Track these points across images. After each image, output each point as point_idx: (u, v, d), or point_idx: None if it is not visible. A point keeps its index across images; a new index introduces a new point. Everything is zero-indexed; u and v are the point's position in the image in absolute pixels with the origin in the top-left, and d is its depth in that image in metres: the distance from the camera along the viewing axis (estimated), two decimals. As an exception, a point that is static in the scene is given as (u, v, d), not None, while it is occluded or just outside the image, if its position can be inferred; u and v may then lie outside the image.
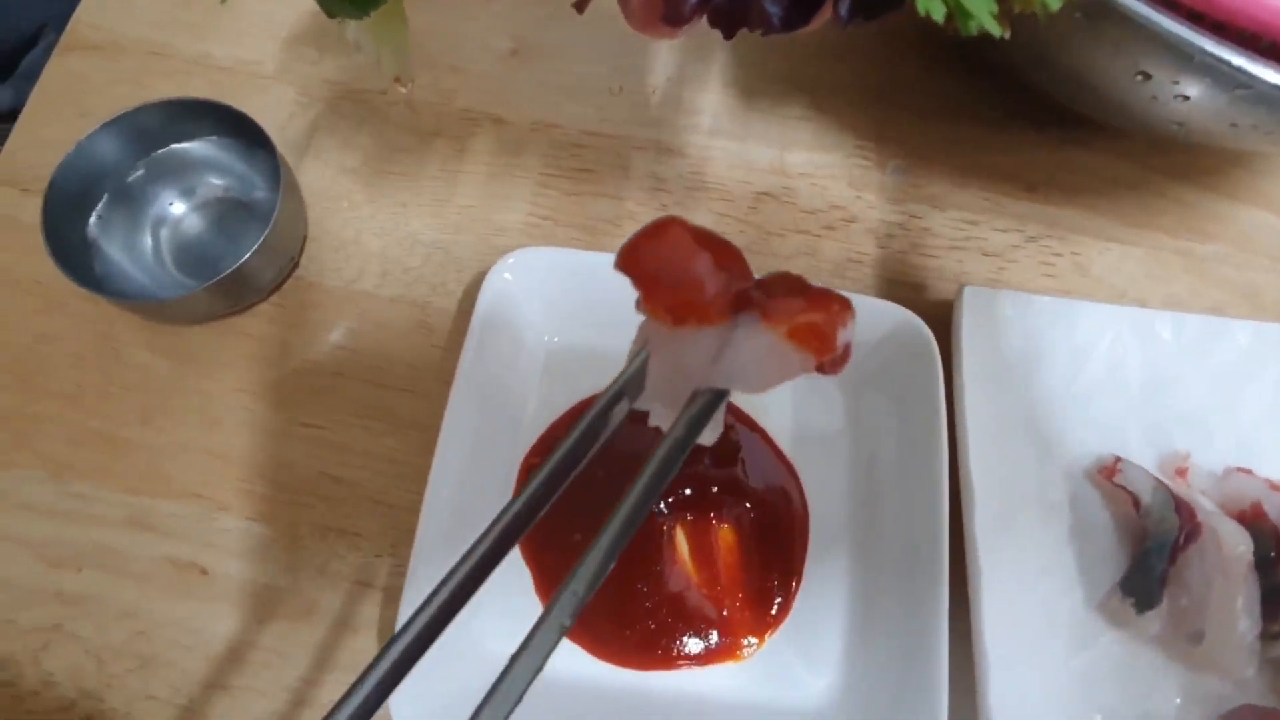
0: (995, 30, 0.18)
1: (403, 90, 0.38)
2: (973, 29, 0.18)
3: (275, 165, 0.33)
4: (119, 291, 0.32)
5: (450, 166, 0.40)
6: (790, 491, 0.34)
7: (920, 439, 0.32)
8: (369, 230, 0.39)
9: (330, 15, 0.23)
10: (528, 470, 0.33)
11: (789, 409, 0.35)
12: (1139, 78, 0.29)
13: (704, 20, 0.20)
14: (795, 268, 0.40)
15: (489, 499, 0.33)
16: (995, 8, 0.18)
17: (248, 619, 0.32)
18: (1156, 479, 0.33)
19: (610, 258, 0.35)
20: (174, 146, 0.35)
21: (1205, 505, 0.33)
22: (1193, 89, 0.28)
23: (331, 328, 0.37)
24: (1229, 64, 0.25)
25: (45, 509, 0.34)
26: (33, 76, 0.54)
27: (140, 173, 0.35)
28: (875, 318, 0.33)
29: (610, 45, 0.43)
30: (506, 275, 0.33)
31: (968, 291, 0.34)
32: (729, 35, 0.20)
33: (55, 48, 0.42)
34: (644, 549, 0.31)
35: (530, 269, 0.33)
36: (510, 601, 0.31)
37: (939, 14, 0.18)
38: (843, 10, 0.19)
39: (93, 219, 0.33)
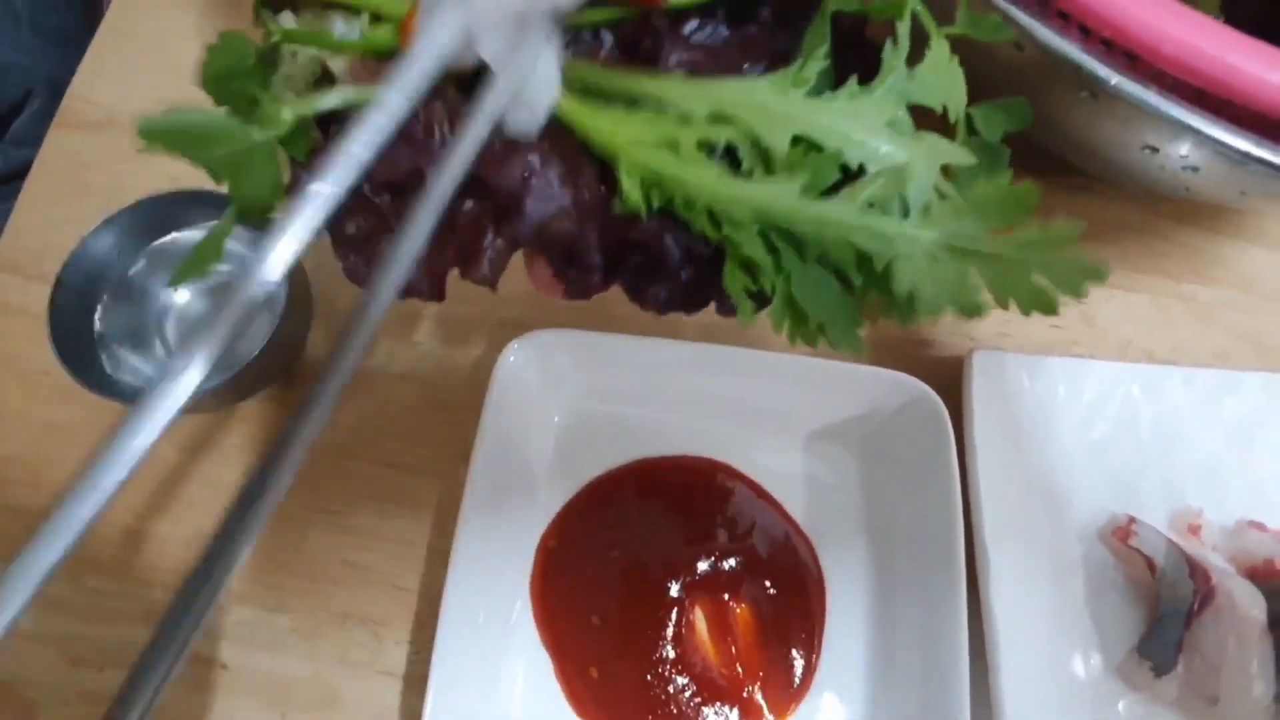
0: (858, 350, 0.19)
1: None
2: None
3: (280, 252, 0.33)
4: (129, 391, 0.32)
5: (454, 236, 0.40)
6: (806, 563, 0.34)
7: (935, 508, 0.32)
8: (375, 305, 0.39)
9: None
10: (545, 552, 0.33)
11: (801, 477, 0.35)
12: (1146, 150, 0.29)
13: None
14: (802, 328, 0.40)
15: (507, 583, 0.33)
16: (859, 324, 0.18)
17: (270, 713, 0.32)
18: (1169, 540, 0.33)
19: (616, 339, 0.34)
20: (175, 235, 0.35)
21: (1218, 565, 0.33)
22: (1200, 162, 0.28)
23: (341, 408, 0.37)
24: (1234, 149, 0.25)
25: (64, 605, 0.34)
26: (21, 143, 0.53)
27: (142, 264, 0.34)
28: (889, 389, 0.33)
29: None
30: (514, 359, 0.33)
31: (977, 356, 0.34)
32: (637, 301, 0.21)
33: (51, 124, 0.42)
34: (662, 633, 0.31)
35: (537, 352, 0.33)
36: (537, 683, 0.32)
37: (813, 342, 0.19)
38: (724, 309, 0.20)
39: (98, 313, 0.33)
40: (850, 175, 0.19)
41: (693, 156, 0.19)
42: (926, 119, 0.20)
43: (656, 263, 0.19)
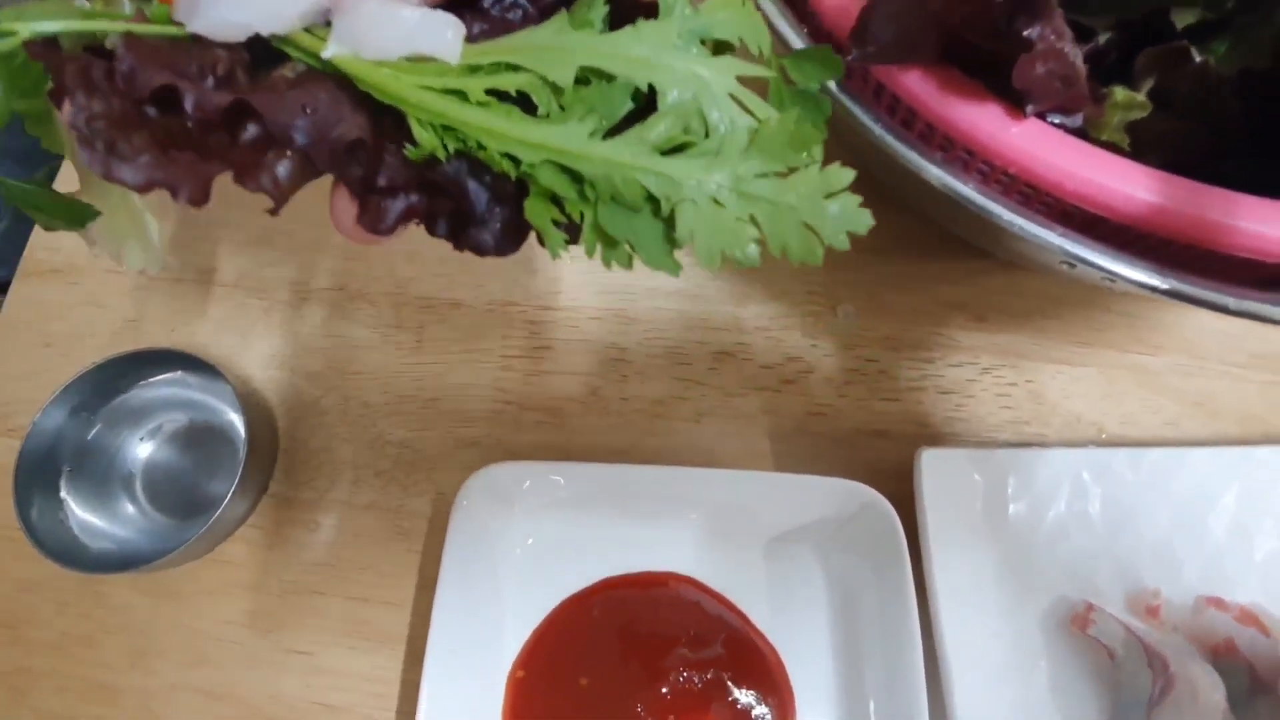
0: (673, 270, 0.19)
1: (150, 275, 0.34)
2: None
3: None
4: (95, 559, 0.33)
5: (411, 360, 0.41)
6: (774, 673, 0.34)
7: (893, 609, 0.33)
8: (338, 436, 0.39)
9: (47, 229, 0.22)
10: (515, 683, 0.34)
11: (764, 585, 0.35)
12: (1064, 264, 0.30)
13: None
14: (758, 427, 0.40)
15: (479, 717, 0.33)
16: (673, 245, 0.19)
17: None
18: (1126, 628, 0.33)
19: (572, 467, 0.35)
20: (131, 391, 0.36)
21: (1178, 648, 0.34)
22: (1115, 278, 0.29)
23: (308, 544, 0.37)
24: (1139, 283, 0.26)
25: (42, 768, 0.34)
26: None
27: (99, 427, 0.35)
28: (841, 497, 0.34)
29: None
30: (470, 499, 0.34)
31: (925, 455, 0.35)
32: (457, 247, 0.20)
33: (15, 276, 0.43)
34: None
35: (493, 485, 0.34)
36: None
37: (627, 265, 0.19)
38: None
39: (62, 481, 0.34)
40: (645, 112, 0.19)
41: (482, 102, 0.19)
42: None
43: (466, 208, 0.20)
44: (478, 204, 0.19)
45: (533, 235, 0.20)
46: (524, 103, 0.19)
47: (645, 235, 0.19)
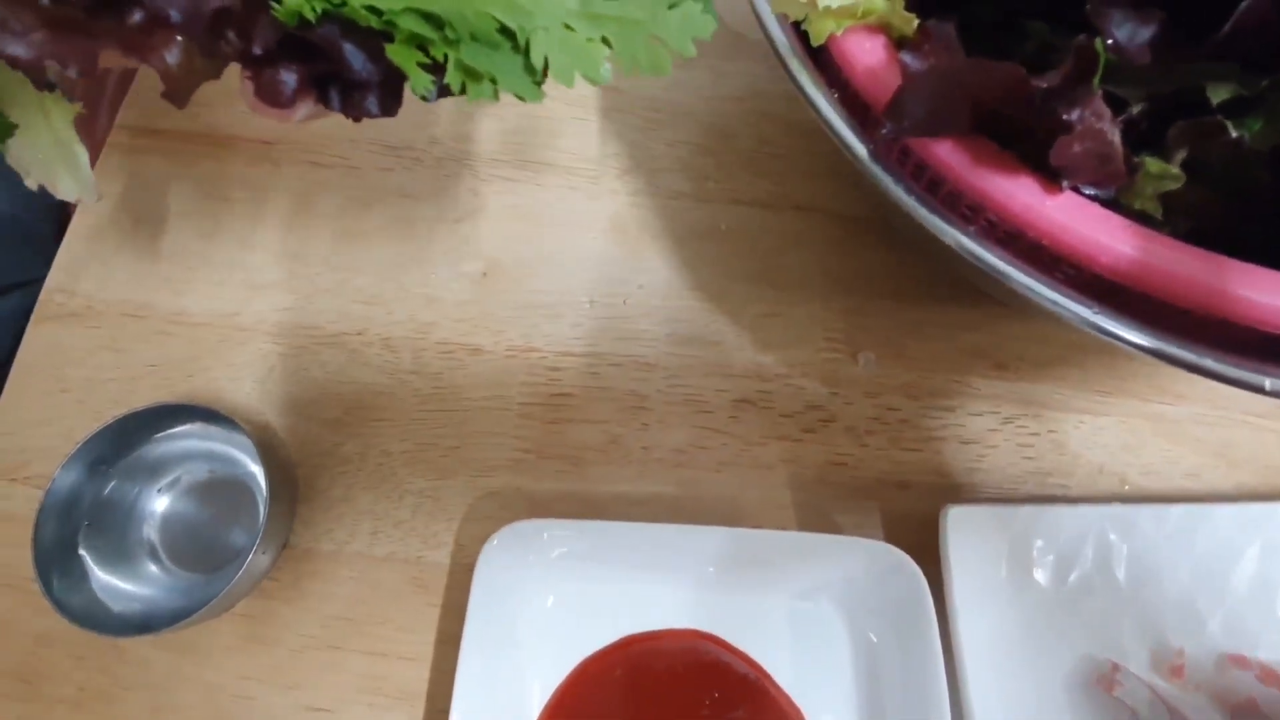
0: (534, 96, 0.20)
1: (88, 204, 0.33)
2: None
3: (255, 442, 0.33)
4: (115, 622, 0.32)
5: (431, 407, 0.41)
6: (797, 734, 0.34)
7: (919, 669, 0.33)
8: (358, 485, 0.39)
9: None
10: (538, 744, 0.33)
11: (788, 643, 0.35)
12: (1089, 328, 0.30)
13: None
14: (779, 477, 0.40)
15: (501, 778, 0.33)
16: (535, 76, 0.20)
17: None
18: (1152, 691, 0.33)
19: (596, 525, 0.35)
20: (149, 444, 0.35)
21: (1201, 707, 0.33)
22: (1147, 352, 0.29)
23: (327, 596, 0.37)
24: (1183, 363, 0.26)
25: (59, 827, 0.34)
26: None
27: (114, 483, 0.35)
28: (866, 556, 0.34)
29: (577, 256, 0.44)
30: (494, 556, 0.33)
31: (951, 513, 0.35)
32: (349, 115, 0.22)
33: (30, 320, 0.42)
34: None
35: (517, 542, 0.34)
36: None
37: (492, 96, 0.20)
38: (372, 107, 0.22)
39: (80, 535, 0.34)
40: None
41: None
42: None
43: (346, 71, 0.21)
44: (355, 64, 0.21)
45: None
46: None
47: (505, 67, 0.20)
